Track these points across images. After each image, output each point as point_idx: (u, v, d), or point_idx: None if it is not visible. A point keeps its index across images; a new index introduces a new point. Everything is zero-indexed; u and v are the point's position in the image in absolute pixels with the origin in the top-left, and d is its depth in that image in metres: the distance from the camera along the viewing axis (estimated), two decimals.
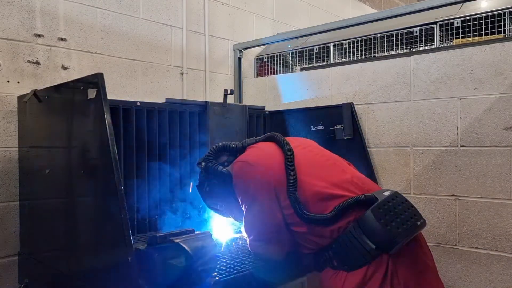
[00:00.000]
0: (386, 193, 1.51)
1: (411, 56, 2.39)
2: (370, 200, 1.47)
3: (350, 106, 2.49)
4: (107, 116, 1.45)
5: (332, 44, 3.00)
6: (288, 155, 1.54)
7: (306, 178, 1.52)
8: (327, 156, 1.68)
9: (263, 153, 1.63)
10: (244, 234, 1.70)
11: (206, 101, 2.44)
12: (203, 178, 1.76)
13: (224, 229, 2.10)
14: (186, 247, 1.31)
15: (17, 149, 2.20)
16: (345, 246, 1.45)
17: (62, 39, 2.41)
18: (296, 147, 1.61)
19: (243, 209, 1.61)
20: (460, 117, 2.21)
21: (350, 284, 1.43)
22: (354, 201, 1.46)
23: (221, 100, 2.51)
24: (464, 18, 2.41)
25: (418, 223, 1.47)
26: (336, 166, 1.63)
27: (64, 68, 2.42)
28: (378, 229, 1.41)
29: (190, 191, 2.22)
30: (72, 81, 1.72)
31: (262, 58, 3.43)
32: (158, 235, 1.41)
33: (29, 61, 2.28)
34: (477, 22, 2.36)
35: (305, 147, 1.68)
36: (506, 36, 2.27)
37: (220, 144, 1.77)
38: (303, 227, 1.50)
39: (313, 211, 1.48)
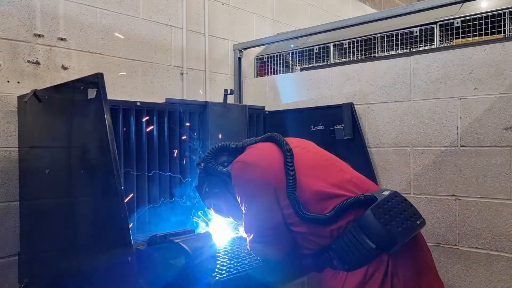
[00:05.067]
0: (386, 193, 1.50)
1: (411, 56, 2.39)
2: (370, 199, 1.47)
3: (350, 106, 2.49)
4: (107, 116, 1.45)
5: (332, 44, 3.00)
6: (288, 155, 1.54)
7: (305, 178, 1.52)
8: (325, 157, 1.68)
9: (262, 153, 1.63)
10: (244, 235, 1.70)
11: (206, 101, 2.44)
12: (202, 179, 1.76)
13: (224, 229, 2.10)
14: (186, 247, 1.31)
15: (17, 149, 2.20)
16: (345, 246, 1.45)
17: (62, 39, 2.41)
18: (295, 147, 1.61)
19: (243, 209, 1.61)
20: (460, 117, 2.21)
21: (350, 284, 1.43)
22: (354, 201, 1.46)
23: (221, 100, 2.51)
24: (464, 18, 2.41)
25: (418, 222, 1.47)
26: (335, 166, 1.63)
27: (64, 68, 2.42)
28: (377, 228, 1.40)
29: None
30: (72, 81, 1.72)
31: (262, 58, 3.42)
32: (158, 235, 1.41)
33: (29, 61, 2.28)
34: (477, 22, 2.36)
35: (304, 147, 1.68)
36: (506, 36, 2.27)
37: (220, 144, 1.77)
38: (302, 227, 1.50)
39: (313, 211, 1.48)
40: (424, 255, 1.52)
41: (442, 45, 2.50)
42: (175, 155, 2.30)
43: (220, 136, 2.43)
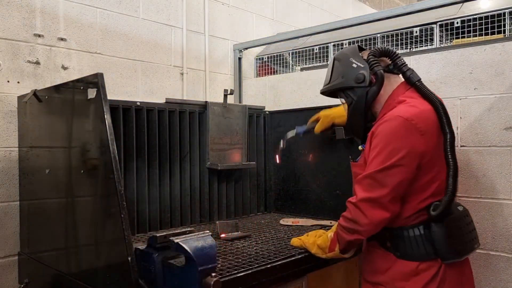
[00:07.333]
0: (460, 208, 1.55)
1: (411, 56, 2.38)
2: (446, 211, 1.48)
3: None
4: (107, 116, 1.45)
5: (332, 44, 3.00)
6: (449, 140, 1.50)
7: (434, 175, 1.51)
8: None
9: (429, 128, 1.51)
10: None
11: (206, 101, 2.44)
12: (353, 62, 1.62)
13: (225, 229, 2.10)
14: (186, 247, 1.30)
15: (17, 149, 2.20)
16: (407, 238, 1.50)
17: (62, 39, 2.41)
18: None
19: (372, 153, 1.50)
20: (460, 117, 2.21)
21: (399, 269, 1.50)
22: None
23: (221, 100, 2.51)
24: (464, 18, 2.40)
25: (475, 246, 1.57)
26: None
27: (64, 68, 2.42)
28: (443, 241, 1.47)
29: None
30: (72, 81, 1.72)
31: (262, 58, 3.42)
32: (158, 235, 1.40)
33: (29, 61, 2.28)
34: (477, 22, 2.36)
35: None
36: (506, 36, 2.27)
37: (386, 48, 1.63)
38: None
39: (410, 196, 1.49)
40: (470, 274, 1.64)
41: (442, 45, 2.50)
42: (175, 155, 2.30)
43: (220, 136, 2.44)
